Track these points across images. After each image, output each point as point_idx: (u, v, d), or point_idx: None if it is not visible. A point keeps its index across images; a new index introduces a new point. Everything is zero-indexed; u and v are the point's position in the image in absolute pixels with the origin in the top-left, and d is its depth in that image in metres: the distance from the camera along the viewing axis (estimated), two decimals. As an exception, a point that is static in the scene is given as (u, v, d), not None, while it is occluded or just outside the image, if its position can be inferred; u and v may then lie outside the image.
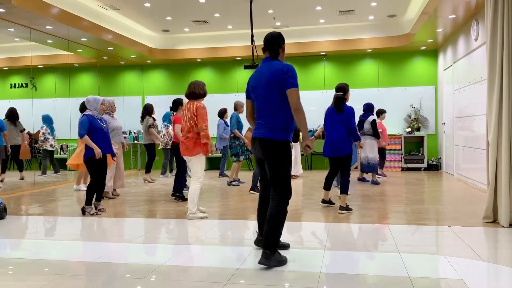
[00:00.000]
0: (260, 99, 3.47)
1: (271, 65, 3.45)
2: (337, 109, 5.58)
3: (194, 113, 5.17)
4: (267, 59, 3.53)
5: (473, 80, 7.72)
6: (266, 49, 3.55)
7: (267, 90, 3.41)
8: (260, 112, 3.47)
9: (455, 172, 9.12)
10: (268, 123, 3.41)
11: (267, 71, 3.43)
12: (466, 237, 4.16)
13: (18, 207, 6.35)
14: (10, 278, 3.26)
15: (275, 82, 3.37)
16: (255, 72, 3.57)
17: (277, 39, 3.53)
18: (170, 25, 10.18)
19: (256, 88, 3.50)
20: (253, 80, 3.56)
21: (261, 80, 3.45)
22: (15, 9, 7.00)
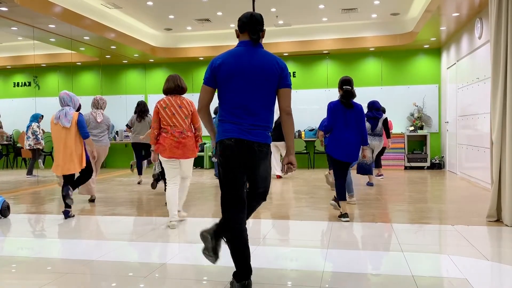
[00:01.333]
0: (249, 92, 2.72)
1: (264, 54, 2.78)
2: (347, 105, 4.92)
3: (191, 110, 4.74)
4: (249, 43, 2.79)
5: (476, 78, 7.68)
6: (246, 30, 2.79)
7: (260, 82, 2.73)
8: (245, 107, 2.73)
9: (458, 170, 9.09)
10: (262, 126, 2.76)
11: (259, 60, 2.74)
12: (470, 236, 4.14)
13: (21, 206, 6.36)
14: (13, 277, 3.27)
15: (271, 76, 2.75)
16: (238, 56, 2.75)
17: (261, 21, 2.82)
18: (172, 24, 10.18)
19: (245, 77, 2.71)
20: (236, 66, 2.72)
21: (250, 68, 2.72)
22: (18, 8, 7.01)
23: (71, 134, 5.19)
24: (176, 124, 4.64)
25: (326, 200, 6.27)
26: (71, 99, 5.35)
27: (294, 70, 11.55)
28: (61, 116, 5.19)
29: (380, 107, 7.74)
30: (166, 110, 4.66)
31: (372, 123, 7.62)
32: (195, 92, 11.98)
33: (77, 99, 5.49)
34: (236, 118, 2.73)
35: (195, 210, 5.76)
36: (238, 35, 2.88)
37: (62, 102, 5.32)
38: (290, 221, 5.03)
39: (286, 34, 10.74)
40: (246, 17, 2.82)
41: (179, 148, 4.60)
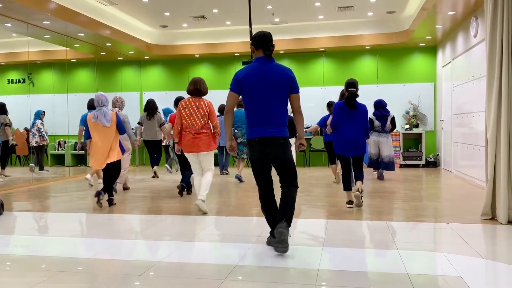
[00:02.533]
0: (266, 99, 3.50)
1: (276, 67, 3.54)
2: (351, 106, 5.38)
3: (207, 111, 5.31)
4: (264, 58, 3.55)
5: (472, 76, 7.70)
6: (260, 47, 3.55)
7: (278, 91, 3.51)
8: (265, 111, 3.51)
9: (453, 169, 9.13)
10: (279, 123, 3.54)
11: (273, 72, 3.51)
12: (465, 234, 4.16)
13: (15, 203, 6.33)
14: (8, 275, 3.25)
15: (285, 85, 3.53)
16: (256, 70, 3.52)
17: (271, 38, 3.57)
18: (168, 21, 10.13)
19: (262, 87, 3.49)
20: (254, 78, 3.50)
21: (267, 80, 3.49)
22: (12, 4, 6.95)
23: (111, 132, 5.67)
24: (193, 123, 5.27)
25: (322, 198, 6.28)
26: (107, 100, 5.80)
27: (290, 68, 11.50)
28: (99, 116, 5.63)
29: (386, 105, 8.06)
30: (186, 110, 5.30)
31: (381, 121, 7.96)
32: (191, 89, 11.95)
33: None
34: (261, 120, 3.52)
35: (192, 208, 5.74)
36: (253, 50, 3.61)
37: (99, 103, 5.72)
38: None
39: (282, 32, 10.72)
40: (260, 36, 3.55)
41: (195, 143, 5.25)
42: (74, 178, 9.30)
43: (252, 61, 9.11)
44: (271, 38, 3.57)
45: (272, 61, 3.56)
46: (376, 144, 8.04)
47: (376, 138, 8.03)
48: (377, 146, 8.04)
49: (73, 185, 8.12)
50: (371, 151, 8.19)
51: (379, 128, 7.99)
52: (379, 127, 7.98)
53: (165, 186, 7.84)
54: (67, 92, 10.75)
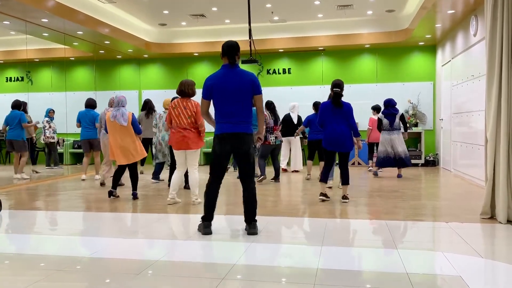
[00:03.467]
0: (233, 101, 3.98)
1: (239, 73, 4.03)
2: (337, 105, 5.73)
3: (194, 111, 5.58)
4: (229, 66, 4.04)
5: (471, 75, 7.69)
6: (226, 55, 4.05)
7: (241, 93, 3.99)
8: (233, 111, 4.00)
9: (452, 168, 9.12)
10: (244, 121, 4.03)
11: (238, 78, 4.00)
12: (464, 233, 4.15)
13: (13, 202, 6.30)
14: (5, 273, 3.23)
15: (248, 88, 4.00)
16: (222, 77, 4.02)
17: (236, 48, 4.06)
18: (167, 19, 10.10)
19: (228, 92, 3.98)
20: (221, 85, 4.00)
21: (233, 84, 3.98)
22: (10, 2, 6.92)
23: (128, 130, 6.08)
24: (181, 122, 5.59)
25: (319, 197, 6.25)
26: (126, 101, 6.24)
27: (289, 66, 11.52)
28: (117, 116, 6.04)
29: (395, 104, 8.32)
30: (175, 110, 5.64)
31: (390, 119, 8.24)
32: (190, 88, 11.92)
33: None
34: (230, 118, 4.02)
35: (192, 207, 5.73)
36: (221, 57, 4.11)
37: (118, 104, 6.14)
38: (284, 218, 5.02)
39: (282, 30, 10.70)
40: (227, 46, 4.06)
41: (183, 141, 5.57)
42: (72, 176, 9.27)
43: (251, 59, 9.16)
44: (238, 48, 4.07)
45: (236, 67, 4.06)
46: (388, 142, 8.24)
47: (388, 136, 8.25)
48: (389, 144, 8.23)
49: (71, 184, 8.10)
50: (381, 149, 8.33)
51: (388, 127, 8.24)
52: (388, 125, 8.24)
53: (164, 183, 7.82)
54: (66, 91, 10.72)
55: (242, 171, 4.18)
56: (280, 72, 11.55)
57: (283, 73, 11.53)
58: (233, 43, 4.07)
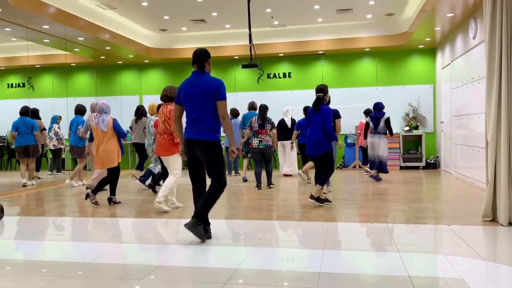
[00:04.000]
0: (195, 106, 4.03)
1: (204, 79, 4.07)
2: (315, 110, 5.81)
3: (168, 116, 5.59)
4: (198, 72, 4.10)
5: (471, 78, 7.71)
6: (195, 63, 4.11)
7: (202, 99, 4.01)
8: (193, 117, 4.04)
9: (453, 170, 9.13)
10: (205, 128, 4.02)
11: (201, 84, 4.03)
12: (465, 236, 4.15)
13: (15, 208, 6.31)
14: (8, 279, 3.24)
15: (210, 94, 4.00)
16: (188, 82, 4.09)
17: (205, 55, 4.12)
18: (167, 24, 10.15)
19: (191, 97, 4.04)
20: (186, 90, 4.07)
21: (195, 90, 4.03)
22: (12, 9, 6.96)
23: (108, 135, 6.18)
24: (160, 128, 5.70)
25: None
26: (108, 108, 6.34)
27: (289, 70, 11.55)
28: (99, 122, 6.18)
29: (383, 107, 8.36)
30: (158, 117, 5.78)
31: (374, 122, 8.34)
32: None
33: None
34: (190, 124, 4.07)
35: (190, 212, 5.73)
36: (192, 65, 4.17)
37: (101, 111, 6.23)
38: (286, 222, 5.03)
39: (281, 35, 10.74)
40: (195, 53, 4.13)
41: (158, 147, 5.72)
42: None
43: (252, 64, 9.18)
44: (206, 55, 4.14)
45: (204, 73, 4.11)
46: (371, 145, 8.37)
47: (370, 139, 8.38)
48: (372, 146, 8.35)
49: (72, 190, 8.11)
50: (369, 153, 8.43)
51: (372, 130, 8.35)
52: (372, 128, 8.35)
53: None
54: (67, 96, 10.75)
55: (209, 175, 4.16)
56: (280, 76, 11.59)
57: (284, 77, 11.56)
58: (202, 50, 4.14)
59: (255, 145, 7.59)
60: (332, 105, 11.40)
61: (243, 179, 8.60)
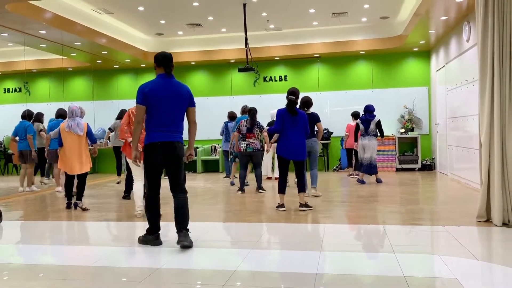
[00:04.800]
0: (170, 110, 3.99)
1: (177, 83, 4.09)
2: (292, 113, 5.73)
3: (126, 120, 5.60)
4: (165, 75, 4.06)
5: (465, 80, 7.79)
6: (161, 65, 4.05)
7: (178, 103, 4.02)
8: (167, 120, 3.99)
9: (449, 172, 9.20)
10: (178, 131, 4.07)
11: (175, 88, 4.04)
12: (460, 236, 4.20)
13: (14, 212, 6.32)
14: (8, 284, 3.26)
15: (185, 99, 4.07)
16: (161, 85, 4.01)
17: (171, 58, 4.11)
18: (164, 29, 10.19)
19: (167, 100, 3.98)
20: (160, 92, 3.98)
21: (170, 93, 3.99)
22: (9, 14, 7.00)
23: (83, 140, 6.23)
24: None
25: (319, 203, 6.31)
26: (80, 111, 6.35)
27: (285, 74, 11.62)
28: (73, 126, 6.15)
29: (373, 110, 8.43)
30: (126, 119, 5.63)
31: (365, 125, 8.38)
32: (187, 96, 11.99)
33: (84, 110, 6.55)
34: (163, 127, 3.98)
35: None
36: (155, 67, 4.11)
37: (73, 114, 6.24)
38: (284, 224, 5.07)
39: (277, 38, 10.80)
40: (161, 56, 4.07)
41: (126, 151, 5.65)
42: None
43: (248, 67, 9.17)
44: (172, 58, 4.12)
45: (172, 77, 4.09)
46: (361, 147, 8.43)
47: (361, 142, 8.45)
48: (362, 149, 8.41)
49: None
50: (360, 155, 8.47)
51: (363, 132, 8.41)
52: (363, 130, 8.40)
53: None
54: (64, 101, 10.75)
55: (174, 180, 4.07)
56: (276, 79, 11.65)
57: (280, 80, 11.62)
58: (167, 54, 4.10)
59: (243, 148, 7.54)
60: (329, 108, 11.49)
61: (231, 183, 8.54)
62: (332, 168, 11.27)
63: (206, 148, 11.64)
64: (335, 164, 11.23)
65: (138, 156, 4.14)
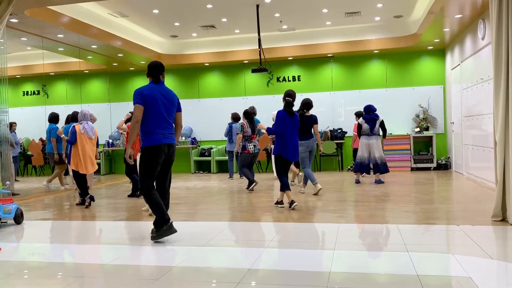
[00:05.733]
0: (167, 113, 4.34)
1: (169, 89, 4.47)
2: (290, 114, 5.94)
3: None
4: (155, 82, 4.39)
5: (480, 79, 7.72)
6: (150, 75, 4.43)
7: (172, 108, 4.41)
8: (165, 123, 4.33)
9: (464, 171, 9.11)
10: (172, 133, 4.43)
11: (171, 93, 4.43)
12: (475, 235, 4.19)
13: (34, 213, 6.49)
14: (27, 282, 3.37)
15: (175, 104, 4.46)
16: (159, 90, 4.34)
17: (162, 66, 4.48)
18: (178, 31, 10.31)
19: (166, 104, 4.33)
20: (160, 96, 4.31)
21: (164, 98, 4.33)
22: (28, 19, 7.18)
23: (93, 142, 6.81)
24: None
25: (333, 203, 6.33)
26: (89, 116, 6.88)
27: (298, 74, 11.64)
28: (87, 129, 6.68)
29: (375, 109, 8.42)
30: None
31: (371, 124, 8.32)
32: (201, 97, 12.13)
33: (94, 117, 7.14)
34: (161, 129, 4.29)
35: (203, 214, 5.85)
36: (147, 76, 4.47)
37: (84, 117, 6.78)
38: (298, 223, 5.10)
39: (290, 39, 10.84)
40: (151, 66, 4.46)
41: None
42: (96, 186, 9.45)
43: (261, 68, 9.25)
44: (162, 68, 4.47)
45: (161, 84, 4.42)
46: (366, 147, 8.33)
47: (366, 141, 8.33)
48: (367, 149, 8.32)
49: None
50: (359, 154, 8.40)
51: (368, 131, 8.31)
52: (368, 130, 8.31)
53: (172, 192, 7.96)
54: (81, 103, 10.96)
55: (166, 180, 4.45)
56: (290, 79, 11.68)
57: (293, 81, 11.64)
58: (157, 63, 4.46)
59: (251, 150, 7.78)
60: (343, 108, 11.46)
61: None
62: (346, 168, 11.25)
63: (221, 148, 11.73)
64: (349, 164, 11.21)
65: (131, 154, 4.41)
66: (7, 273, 3.52)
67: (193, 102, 12.03)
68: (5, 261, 3.89)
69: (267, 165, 11.30)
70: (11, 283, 3.31)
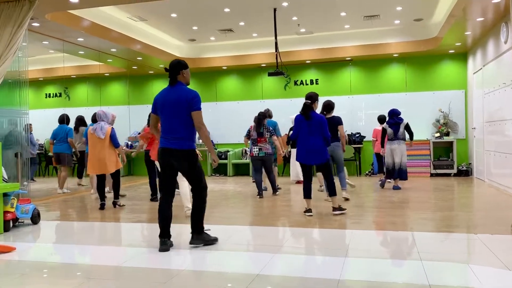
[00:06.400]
0: (169, 117, 4.11)
1: (178, 90, 4.15)
2: (306, 117, 5.71)
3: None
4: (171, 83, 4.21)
5: (503, 83, 7.52)
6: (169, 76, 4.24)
7: (173, 111, 4.09)
8: (166, 127, 4.15)
9: (486, 177, 8.88)
10: (179, 137, 4.10)
11: (174, 95, 4.12)
12: (493, 245, 4.06)
13: (51, 213, 6.60)
14: (42, 281, 3.43)
15: (183, 105, 4.07)
16: (162, 94, 4.21)
17: (175, 67, 4.20)
18: (196, 35, 10.39)
19: (163, 108, 4.14)
20: (161, 101, 4.18)
21: (166, 102, 4.13)
22: (49, 23, 7.34)
23: (105, 143, 6.53)
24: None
25: (350, 208, 6.23)
26: (105, 115, 6.72)
27: (316, 77, 11.57)
28: (97, 129, 6.54)
29: (399, 113, 8.19)
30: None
31: (394, 128, 8.12)
32: (219, 100, 12.17)
33: (110, 115, 6.83)
34: (165, 133, 4.15)
35: (217, 217, 5.85)
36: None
37: (98, 118, 6.70)
38: (310, 229, 5.05)
39: (308, 42, 10.78)
40: (169, 66, 4.23)
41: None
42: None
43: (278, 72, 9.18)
44: (178, 66, 4.20)
45: (177, 85, 4.18)
46: (390, 152, 8.14)
47: (389, 146, 8.15)
48: (391, 154, 8.13)
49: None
50: (386, 160, 8.22)
51: (392, 136, 8.12)
52: (392, 134, 8.12)
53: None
54: (101, 105, 11.14)
55: (190, 183, 4.29)
56: (307, 83, 11.62)
57: (311, 84, 11.58)
58: (172, 63, 4.23)
59: (255, 153, 7.45)
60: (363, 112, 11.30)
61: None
62: (364, 173, 11.11)
63: (237, 151, 11.74)
64: (368, 168, 11.06)
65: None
66: (21, 273, 3.59)
67: (211, 105, 12.08)
68: (20, 261, 3.97)
69: (284, 169, 11.25)
70: (24, 282, 3.37)
